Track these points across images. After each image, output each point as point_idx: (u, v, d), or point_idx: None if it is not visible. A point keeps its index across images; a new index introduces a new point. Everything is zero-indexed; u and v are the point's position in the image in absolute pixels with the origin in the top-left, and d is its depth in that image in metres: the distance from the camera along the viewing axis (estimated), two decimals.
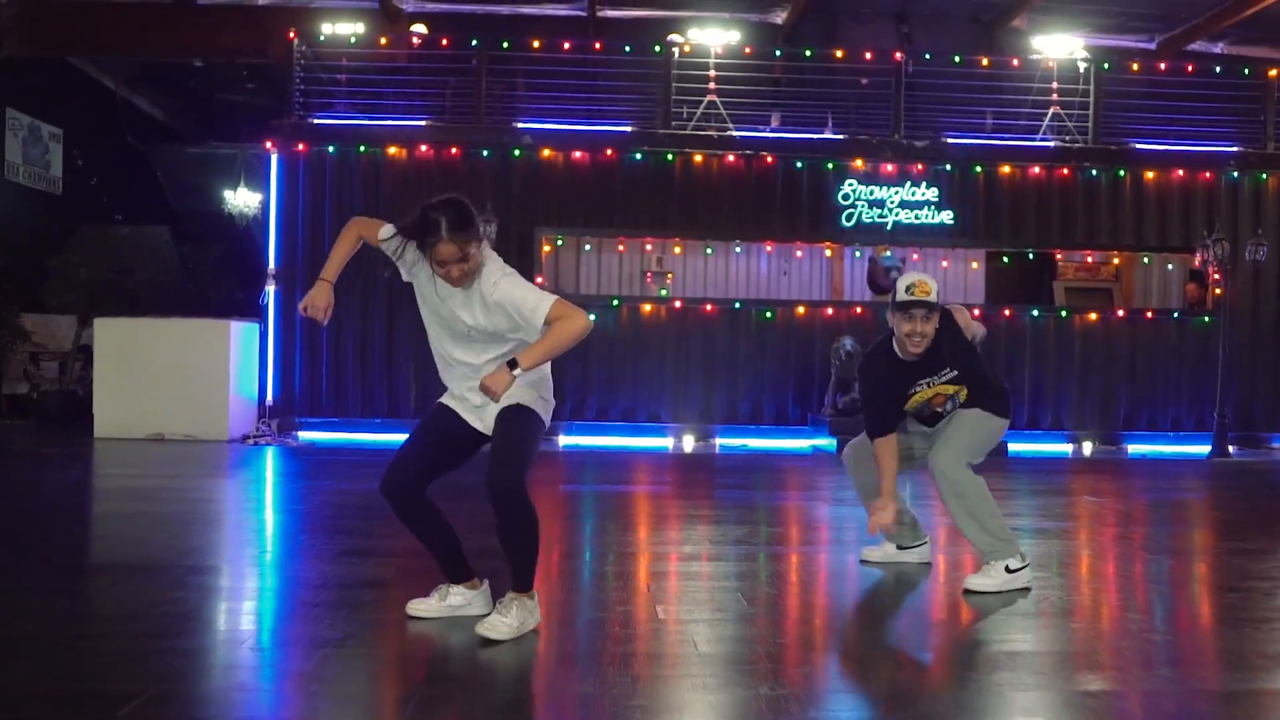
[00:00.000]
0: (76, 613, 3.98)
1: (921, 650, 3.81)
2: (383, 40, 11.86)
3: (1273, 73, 12.02)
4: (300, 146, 11.09)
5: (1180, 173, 11.74)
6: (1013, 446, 10.44)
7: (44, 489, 7.57)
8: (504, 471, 3.43)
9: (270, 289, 11.05)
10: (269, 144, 11.14)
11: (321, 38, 11.44)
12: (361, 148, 11.10)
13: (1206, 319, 11.60)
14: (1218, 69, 12.33)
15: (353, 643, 3.57)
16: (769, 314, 11.44)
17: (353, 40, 11.61)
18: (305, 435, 10.84)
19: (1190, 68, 12.26)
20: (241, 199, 17.40)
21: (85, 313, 13.20)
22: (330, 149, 11.12)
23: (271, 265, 11.09)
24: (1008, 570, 4.46)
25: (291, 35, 11.26)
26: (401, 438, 3.88)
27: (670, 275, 12.77)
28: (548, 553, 4.95)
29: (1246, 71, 12.23)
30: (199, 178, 18.23)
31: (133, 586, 4.33)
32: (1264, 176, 11.80)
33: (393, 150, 11.17)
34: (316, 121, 11.26)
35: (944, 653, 3.79)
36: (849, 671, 3.53)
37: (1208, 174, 11.75)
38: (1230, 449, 10.85)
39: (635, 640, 3.66)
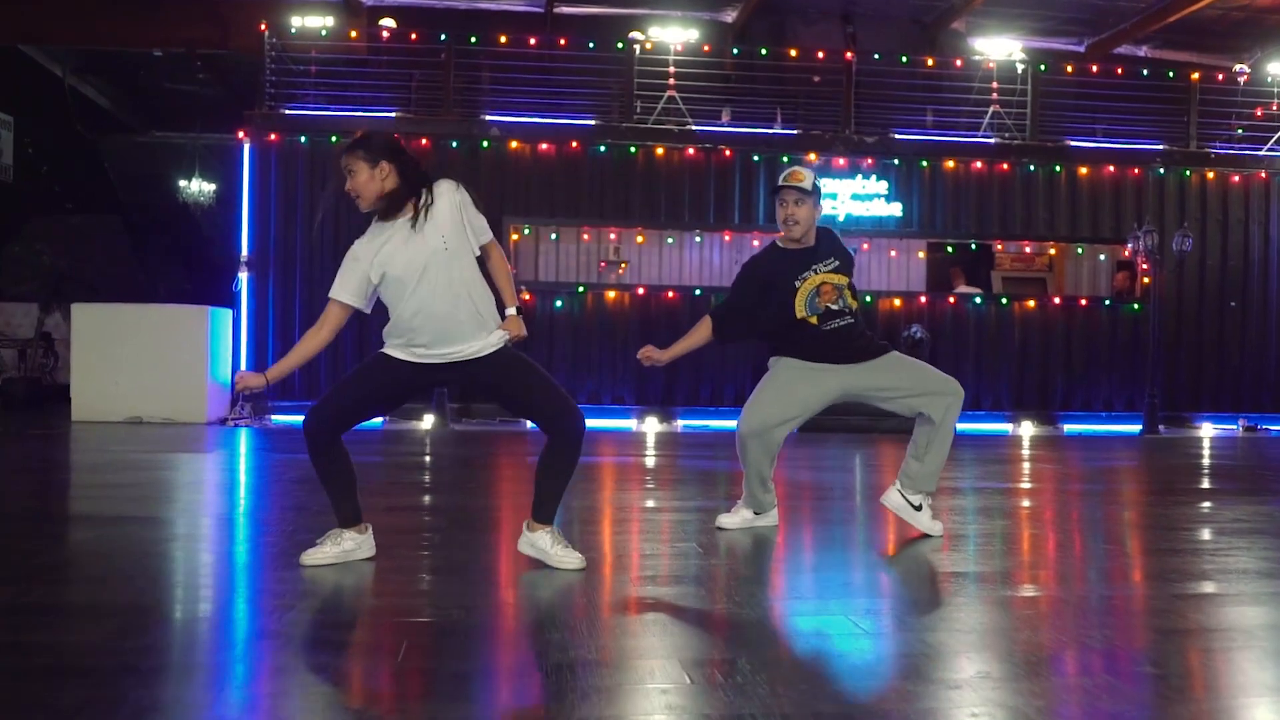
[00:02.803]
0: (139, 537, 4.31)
1: (877, 571, 4.30)
2: (353, 33, 12.15)
3: (1195, 76, 12.87)
4: (272, 136, 11.36)
5: (1111, 169, 12.51)
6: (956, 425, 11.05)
7: (60, 464, 7.78)
8: (573, 415, 3.87)
9: (243, 276, 11.30)
10: (241, 134, 11.39)
11: (294, 30, 11.70)
12: (334, 138, 11.37)
13: (1136, 306, 12.38)
14: (1145, 72, 13.15)
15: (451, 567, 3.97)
16: None
17: (323, 33, 11.88)
18: (279, 418, 11.09)
19: (1119, 70, 13.06)
20: (196, 188, 17.45)
21: (47, 300, 13.30)
22: (302, 139, 11.40)
23: (244, 252, 11.33)
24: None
25: (263, 27, 11.52)
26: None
27: (624, 264, 13.16)
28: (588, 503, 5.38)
29: (1171, 75, 13.06)
30: (149, 168, 18.18)
31: (184, 516, 4.68)
32: (1188, 173, 12.62)
33: None
34: (288, 112, 11.53)
35: (897, 576, 4.28)
36: (829, 582, 4.02)
37: (1136, 170, 12.54)
38: (1160, 427, 11.63)
39: (665, 565, 4.12)
